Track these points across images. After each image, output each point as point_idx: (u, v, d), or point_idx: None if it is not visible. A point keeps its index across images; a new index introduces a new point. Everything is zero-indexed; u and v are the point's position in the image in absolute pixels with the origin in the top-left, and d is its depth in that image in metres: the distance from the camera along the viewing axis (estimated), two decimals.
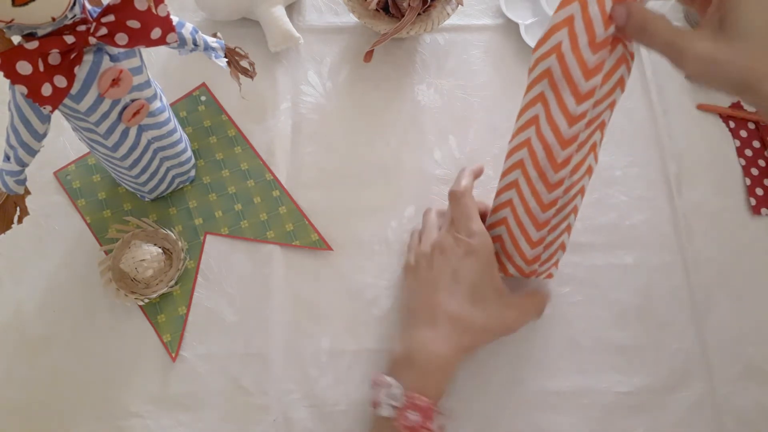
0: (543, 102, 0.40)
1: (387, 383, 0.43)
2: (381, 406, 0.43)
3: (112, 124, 0.44)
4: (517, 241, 0.46)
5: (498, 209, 0.47)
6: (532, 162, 0.42)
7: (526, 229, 0.45)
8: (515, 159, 0.44)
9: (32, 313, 0.52)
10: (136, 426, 0.48)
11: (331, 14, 0.65)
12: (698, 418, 0.50)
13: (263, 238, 0.55)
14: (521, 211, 0.45)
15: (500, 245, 0.48)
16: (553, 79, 0.39)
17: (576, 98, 0.38)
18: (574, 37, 0.37)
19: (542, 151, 0.41)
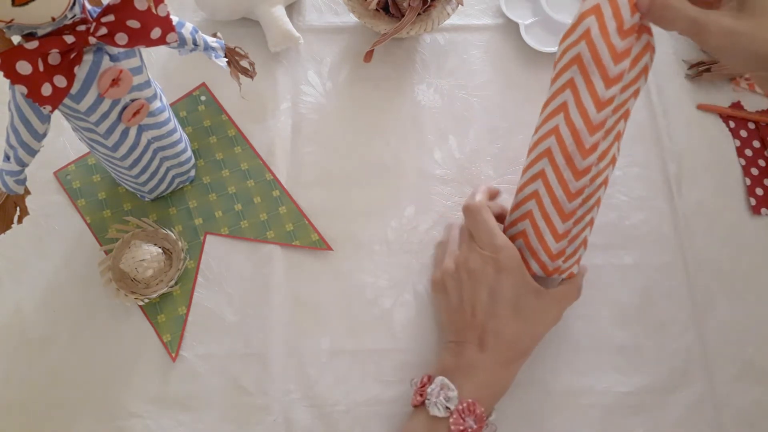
0: (572, 87, 0.41)
1: (445, 384, 0.43)
2: (434, 406, 0.43)
3: (112, 124, 0.44)
4: (543, 234, 0.45)
5: (521, 204, 0.47)
6: (560, 149, 0.42)
7: (552, 220, 0.44)
8: (541, 149, 0.44)
9: (32, 313, 0.52)
10: (136, 426, 0.48)
11: (331, 14, 0.65)
12: (698, 418, 0.50)
13: (263, 238, 0.55)
14: (547, 201, 0.44)
15: (524, 241, 0.47)
16: (582, 63, 0.40)
17: (605, 82, 0.40)
18: (602, 23, 0.38)
19: (570, 137, 0.42)
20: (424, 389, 0.45)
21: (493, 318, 0.44)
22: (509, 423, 0.49)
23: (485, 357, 0.44)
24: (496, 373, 0.44)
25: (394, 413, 0.49)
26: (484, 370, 0.44)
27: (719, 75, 0.61)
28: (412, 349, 0.51)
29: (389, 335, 0.52)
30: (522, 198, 0.47)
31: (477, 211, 0.47)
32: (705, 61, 0.62)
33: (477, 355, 0.44)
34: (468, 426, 0.42)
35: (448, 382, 0.43)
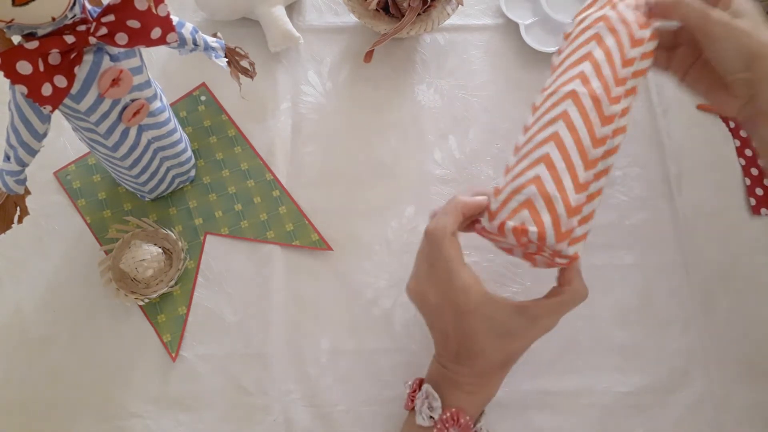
0: (598, 40, 0.42)
1: (429, 393, 0.42)
2: (419, 414, 0.42)
3: (112, 124, 0.44)
4: (562, 179, 0.39)
5: (532, 151, 0.40)
6: (587, 91, 0.40)
7: (575, 164, 0.39)
8: (562, 93, 0.41)
9: (32, 313, 0.52)
10: (136, 426, 0.48)
11: (331, 14, 0.65)
12: (698, 418, 0.50)
13: (263, 238, 0.55)
14: (570, 143, 0.39)
15: (536, 187, 0.39)
16: (610, 22, 0.42)
17: (631, 42, 0.41)
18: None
19: (598, 81, 0.40)
20: (414, 394, 0.44)
21: (467, 342, 0.41)
22: (509, 423, 0.49)
23: (465, 370, 0.42)
24: (478, 385, 0.42)
25: (394, 413, 0.49)
26: (465, 382, 0.42)
27: None
28: (412, 349, 0.51)
29: (389, 335, 0.52)
30: (533, 146, 0.41)
31: (438, 243, 0.41)
32: None
33: (457, 368, 0.42)
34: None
35: (433, 390, 0.42)
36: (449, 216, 0.41)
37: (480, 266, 0.54)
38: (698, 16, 0.42)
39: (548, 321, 0.41)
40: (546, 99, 0.42)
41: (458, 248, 0.41)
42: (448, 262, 0.40)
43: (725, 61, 0.42)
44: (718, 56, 0.42)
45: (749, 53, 0.41)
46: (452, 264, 0.40)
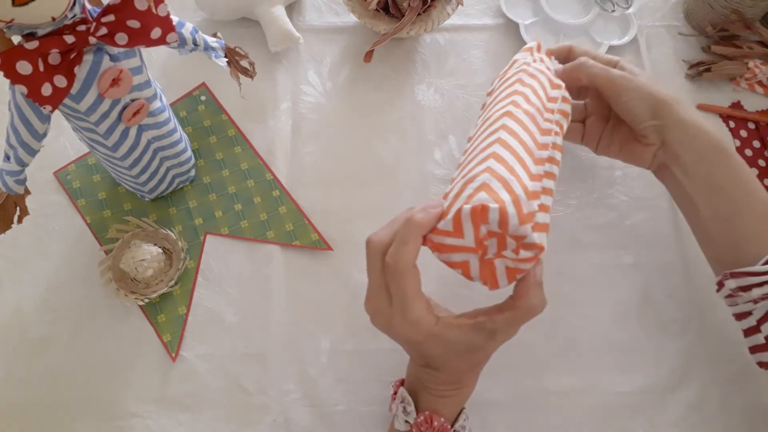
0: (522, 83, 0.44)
1: (404, 398, 0.42)
2: (396, 419, 0.43)
3: (112, 124, 0.44)
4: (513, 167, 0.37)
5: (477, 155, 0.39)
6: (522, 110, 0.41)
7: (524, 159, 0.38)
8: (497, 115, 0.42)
9: (32, 313, 0.52)
10: (136, 426, 0.48)
11: (331, 14, 0.65)
12: (698, 418, 0.50)
13: (263, 238, 0.55)
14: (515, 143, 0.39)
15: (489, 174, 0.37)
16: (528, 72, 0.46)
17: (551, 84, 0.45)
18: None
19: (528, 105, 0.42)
20: (395, 396, 0.44)
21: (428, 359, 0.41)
22: (509, 423, 0.49)
23: (434, 378, 0.41)
24: (450, 389, 0.42)
25: None
26: (436, 388, 0.42)
27: (719, 75, 0.61)
28: None
29: None
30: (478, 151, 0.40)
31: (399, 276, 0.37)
32: (705, 61, 0.62)
33: (426, 374, 0.42)
34: None
35: (407, 395, 0.42)
36: (409, 245, 0.37)
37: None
38: (601, 72, 0.47)
39: (506, 333, 0.39)
40: (480, 127, 0.43)
41: (418, 279, 0.38)
42: (405, 294, 0.37)
43: (633, 110, 0.47)
44: (626, 107, 0.47)
45: (654, 100, 0.46)
46: (408, 296, 0.37)
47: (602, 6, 0.65)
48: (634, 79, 0.47)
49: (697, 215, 0.46)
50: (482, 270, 0.37)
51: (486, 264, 0.37)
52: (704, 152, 0.45)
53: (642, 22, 0.66)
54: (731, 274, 0.44)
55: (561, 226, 0.55)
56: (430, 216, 0.37)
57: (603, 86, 0.47)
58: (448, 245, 0.37)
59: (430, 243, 0.38)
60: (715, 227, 0.45)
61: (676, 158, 0.46)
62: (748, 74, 0.61)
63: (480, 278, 0.38)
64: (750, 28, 0.62)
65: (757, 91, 0.62)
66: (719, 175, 0.45)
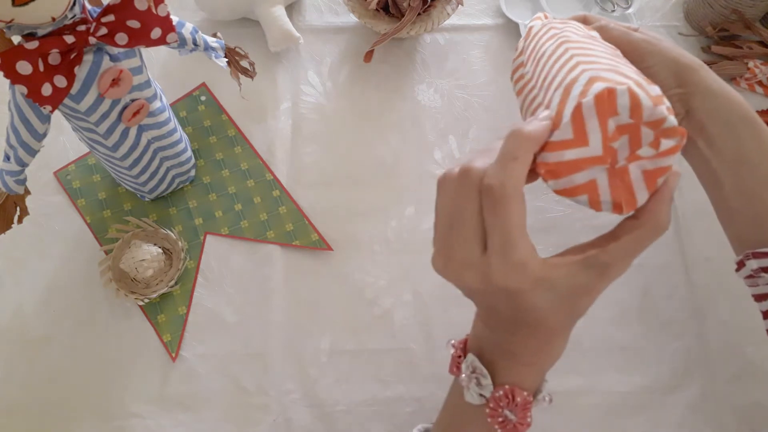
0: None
1: (476, 367, 0.35)
2: (467, 391, 0.36)
3: (112, 124, 0.44)
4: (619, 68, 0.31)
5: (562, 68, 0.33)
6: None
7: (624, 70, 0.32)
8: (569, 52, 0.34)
9: (32, 313, 0.52)
10: (136, 426, 0.48)
11: (331, 14, 0.65)
12: (698, 418, 0.50)
13: (263, 238, 0.55)
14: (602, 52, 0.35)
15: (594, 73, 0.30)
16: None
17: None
18: None
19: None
20: (460, 360, 0.37)
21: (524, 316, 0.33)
22: None
23: (522, 340, 0.34)
24: (538, 353, 0.35)
25: (394, 413, 0.49)
26: (523, 352, 0.35)
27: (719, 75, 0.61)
28: (412, 349, 0.51)
29: (389, 335, 0.52)
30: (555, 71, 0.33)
31: (506, 201, 0.29)
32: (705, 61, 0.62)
33: (511, 337, 0.35)
34: (511, 420, 0.34)
35: (480, 365, 0.35)
36: (519, 161, 0.29)
37: None
38: (623, 35, 0.43)
39: (620, 267, 0.33)
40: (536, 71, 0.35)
41: (525, 209, 0.30)
42: (511, 227, 0.30)
43: (656, 76, 0.43)
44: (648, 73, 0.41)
45: (679, 66, 0.42)
46: (515, 232, 0.30)
47: (602, 6, 0.65)
48: (658, 44, 0.43)
49: (721, 191, 0.43)
50: (613, 186, 0.30)
51: (618, 175, 0.30)
52: (732, 123, 0.41)
53: (642, 22, 0.66)
54: (753, 254, 0.42)
55: (561, 226, 0.55)
56: (542, 126, 0.30)
57: (624, 50, 0.41)
58: (568, 162, 0.30)
59: (543, 168, 0.30)
60: (739, 203, 0.42)
61: (702, 129, 0.42)
62: (748, 74, 0.61)
63: (611, 198, 0.31)
64: (750, 28, 0.62)
65: (757, 91, 0.62)
66: (747, 148, 0.41)
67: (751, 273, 0.43)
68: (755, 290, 0.44)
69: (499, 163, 0.30)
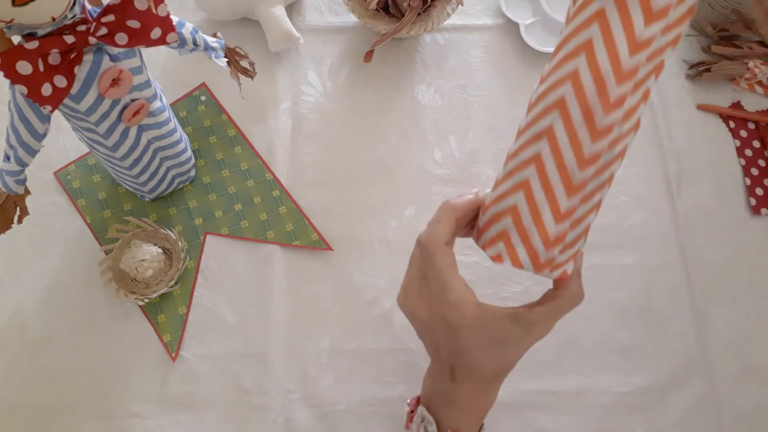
0: (601, 21, 0.31)
1: (424, 417, 0.40)
2: None
3: (112, 124, 0.44)
4: (540, 210, 0.35)
5: (513, 172, 0.36)
6: (577, 99, 0.33)
7: (555, 192, 0.35)
8: (550, 100, 0.34)
9: (32, 313, 0.52)
10: (136, 426, 0.48)
11: (331, 14, 0.65)
12: (698, 418, 0.50)
13: (263, 238, 0.55)
14: (551, 167, 0.34)
15: (512, 219, 0.36)
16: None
17: (646, 17, 0.30)
18: None
19: (592, 85, 0.32)
20: (413, 414, 0.42)
21: (460, 357, 0.38)
22: (509, 423, 0.49)
23: (459, 387, 0.39)
24: (474, 399, 0.40)
25: (394, 413, 0.49)
26: (461, 397, 0.40)
27: (719, 75, 0.61)
28: (412, 349, 0.51)
29: (389, 335, 0.52)
30: (516, 165, 0.36)
31: (430, 253, 0.37)
32: (705, 61, 0.62)
33: (450, 385, 0.39)
34: None
35: (427, 414, 0.40)
36: (441, 224, 0.38)
37: (480, 266, 0.54)
38: None
39: (543, 327, 0.38)
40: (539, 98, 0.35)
41: (452, 258, 0.37)
42: (440, 272, 0.37)
43: None
44: None
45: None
46: (444, 276, 0.37)
47: None
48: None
49: None
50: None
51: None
52: None
53: None
54: None
55: None
56: (464, 203, 0.38)
57: None
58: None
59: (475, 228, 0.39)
60: None
61: None
62: (748, 74, 0.61)
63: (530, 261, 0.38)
64: (750, 28, 0.62)
65: (757, 91, 0.62)
66: None
67: None
68: None
69: (428, 225, 0.38)
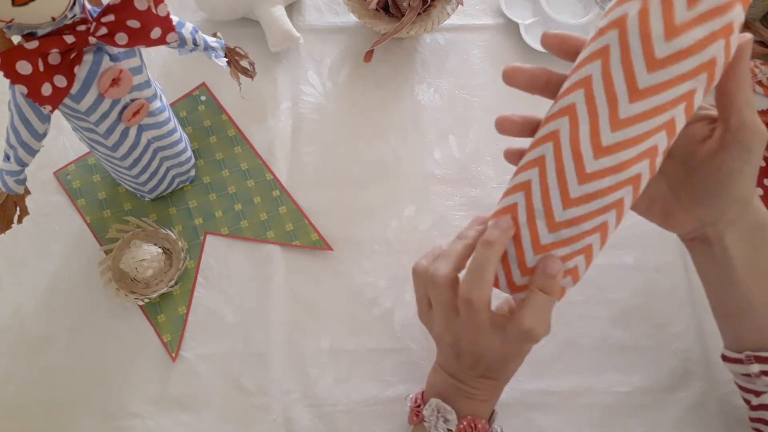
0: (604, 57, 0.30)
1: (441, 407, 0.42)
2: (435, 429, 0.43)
3: (112, 124, 0.44)
4: (521, 238, 0.36)
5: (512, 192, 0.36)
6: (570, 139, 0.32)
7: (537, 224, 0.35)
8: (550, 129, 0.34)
9: (32, 313, 0.52)
10: (136, 426, 0.48)
11: (331, 14, 0.65)
12: (698, 418, 0.50)
13: (263, 238, 0.55)
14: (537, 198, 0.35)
15: None
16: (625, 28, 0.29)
17: (648, 63, 0.29)
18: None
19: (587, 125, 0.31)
20: (419, 409, 0.44)
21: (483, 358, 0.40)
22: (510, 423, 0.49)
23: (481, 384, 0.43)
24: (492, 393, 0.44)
25: (394, 413, 0.49)
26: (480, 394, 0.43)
27: None
28: (412, 349, 0.51)
29: (389, 335, 0.52)
30: (515, 185, 0.36)
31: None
32: None
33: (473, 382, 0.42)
34: None
35: (444, 404, 0.42)
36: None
37: None
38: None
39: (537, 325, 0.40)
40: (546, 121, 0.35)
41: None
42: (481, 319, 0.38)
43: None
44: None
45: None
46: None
47: (602, 6, 0.65)
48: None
49: (728, 290, 0.42)
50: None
51: None
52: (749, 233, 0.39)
53: None
54: (756, 358, 0.42)
55: None
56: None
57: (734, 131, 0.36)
58: None
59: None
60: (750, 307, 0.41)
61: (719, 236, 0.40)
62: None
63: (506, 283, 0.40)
64: (750, 28, 0.62)
65: (757, 91, 0.62)
66: (763, 256, 0.40)
67: (749, 373, 0.43)
68: (748, 385, 0.44)
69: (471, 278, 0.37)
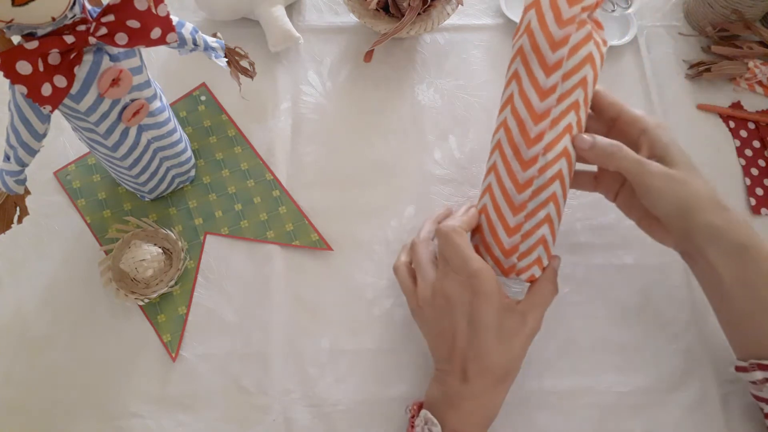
0: (516, 79, 0.43)
1: (428, 419, 0.42)
2: None
3: (112, 124, 0.44)
4: (495, 228, 0.45)
5: (479, 198, 0.47)
6: (507, 140, 0.44)
7: (504, 213, 0.44)
8: (494, 142, 0.46)
9: (32, 313, 0.52)
10: (136, 426, 0.48)
11: (331, 14, 0.65)
12: (698, 418, 0.50)
13: (263, 238, 0.55)
14: (498, 194, 0.44)
15: (480, 236, 0.46)
16: (524, 54, 0.42)
17: (545, 70, 0.42)
18: (541, 14, 0.41)
19: (516, 127, 0.43)
20: (414, 420, 0.44)
21: (474, 345, 0.43)
22: (510, 423, 0.49)
23: (469, 387, 0.43)
24: (482, 401, 0.43)
25: (394, 413, 0.49)
26: (469, 399, 0.43)
27: (719, 75, 0.61)
28: (412, 349, 0.51)
29: (389, 335, 0.52)
30: (480, 193, 0.47)
31: (448, 235, 0.44)
32: (705, 61, 0.62)
33: (461, 385, 0.43)
34: None
35: (431, 417, 0.42)
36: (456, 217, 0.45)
37: None
38: (636, 169, 0.43)
39: (535, 315, 0.44)
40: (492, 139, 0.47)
41: (467, 239, 0.44)
42: (462, 250, 0.43)
43: (661, 208, 0.44)
44: (653, 204, 0.44)
45: (684, 205, 0.43)
46: (466, 252, 0.43)
47: (602, 6, 0.65)
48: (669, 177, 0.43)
49: (722, 302, 0.45)
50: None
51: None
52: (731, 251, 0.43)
53: (642, 22, 0.66)
54: (759, 366, 0.44)
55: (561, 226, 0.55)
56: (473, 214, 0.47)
57: (634, 181, 0.44)
58: None
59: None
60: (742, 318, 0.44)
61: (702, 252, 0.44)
62: (748, 74, 0.61)
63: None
64: (750, 28, 0.62)
65: (757, 91, 0.62)
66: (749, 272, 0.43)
67: (755, 380, 0.45)
68: (759, 393, 0.46)
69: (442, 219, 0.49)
